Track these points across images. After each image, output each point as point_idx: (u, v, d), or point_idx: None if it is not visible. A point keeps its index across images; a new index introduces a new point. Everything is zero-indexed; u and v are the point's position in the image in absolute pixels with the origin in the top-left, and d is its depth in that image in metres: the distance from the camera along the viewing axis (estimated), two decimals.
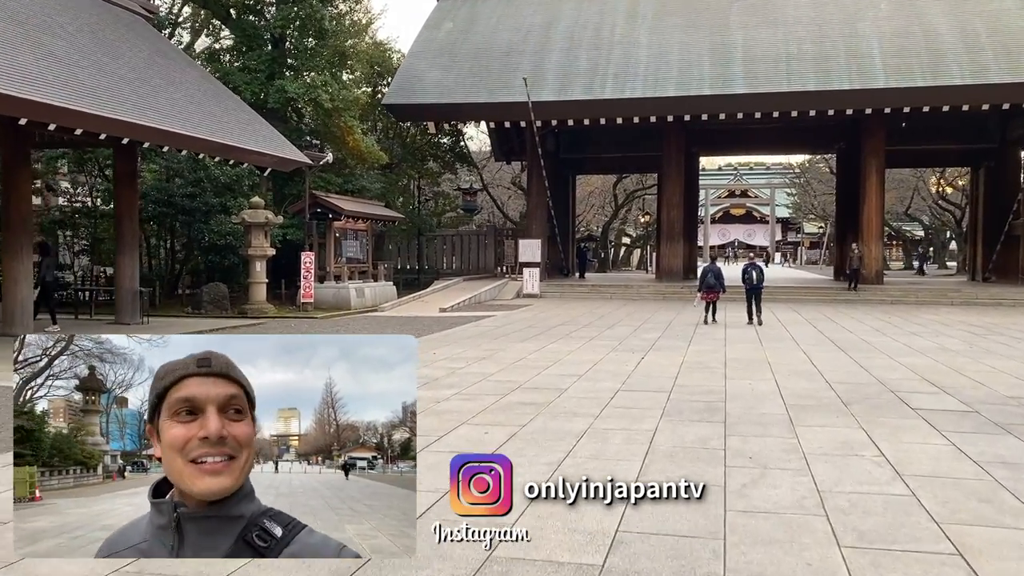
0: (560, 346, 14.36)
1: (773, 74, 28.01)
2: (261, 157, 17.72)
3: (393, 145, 34.84)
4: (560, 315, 21.65)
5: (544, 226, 32.32)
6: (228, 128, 17.16)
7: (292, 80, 24.05)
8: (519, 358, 12.64)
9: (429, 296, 26.97)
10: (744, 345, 14.49)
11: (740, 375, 10.92)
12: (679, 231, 31.51)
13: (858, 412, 8.37)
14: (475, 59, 30.98)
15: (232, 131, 17.19)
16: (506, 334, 16.68)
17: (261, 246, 22.02)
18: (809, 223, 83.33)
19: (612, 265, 60.01)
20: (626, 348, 14.01)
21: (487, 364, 11.96)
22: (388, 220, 28.71)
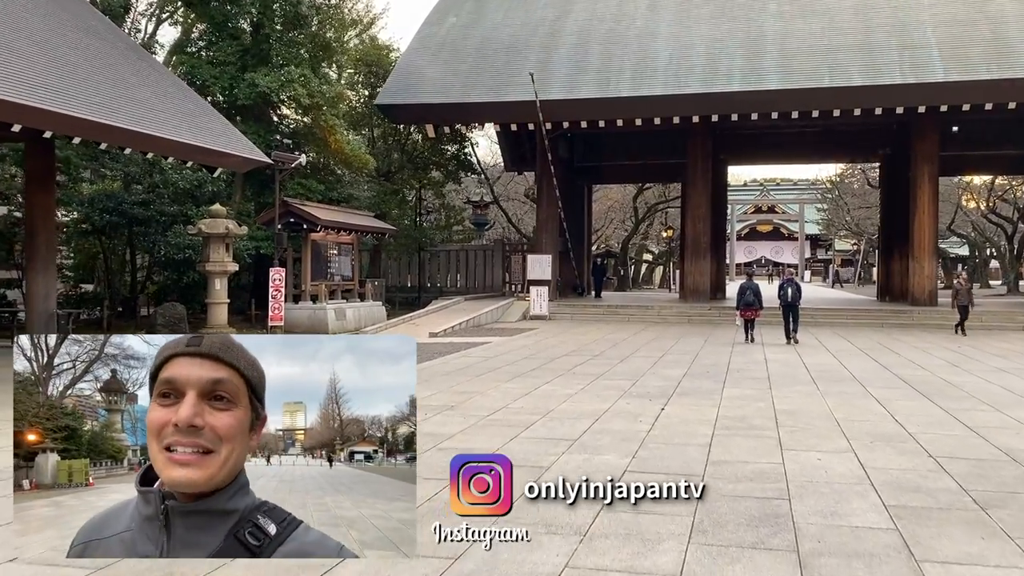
0: (556, 388, 11.17)
1: (813, 68, 24.75)
2: (204, 154, 14.75)
3: (391, 152, 31.91)
4: (567, 342, 18.46)
5: (556, 240, 29.16)
6: (163, 117, 14.21)
7: (265, 74, 21.13)
8: (496, 408, 9.45)
9: (422, 318, 23.87)
10: (796, 389, 11.22)
11: (801, 442, 7.68)
12: (705, 246, 28.21)
13: (1012, 526, 5.13)
14: (479, 56, 28.01)
15: (167, 121, 14.24)
16: (494, 368, 13.51)
17: (221, 260, 19.00)
18: (841, 240, 79.50)
19: (632, 283, 56.64)
20: (642, 392, 10.79)
21: (448, 419, 8.78)
22: (378, 232, 25.67)
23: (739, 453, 7.19)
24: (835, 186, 66.26)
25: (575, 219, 32.18)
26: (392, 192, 30.23)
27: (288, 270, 21.51)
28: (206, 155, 14.88)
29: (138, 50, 16.69)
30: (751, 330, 18.40)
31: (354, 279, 23.94)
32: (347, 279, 23.60)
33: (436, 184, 33.71)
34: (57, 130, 12.60)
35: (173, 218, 20.26)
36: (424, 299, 30.42)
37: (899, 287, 29.82)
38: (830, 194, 68.04)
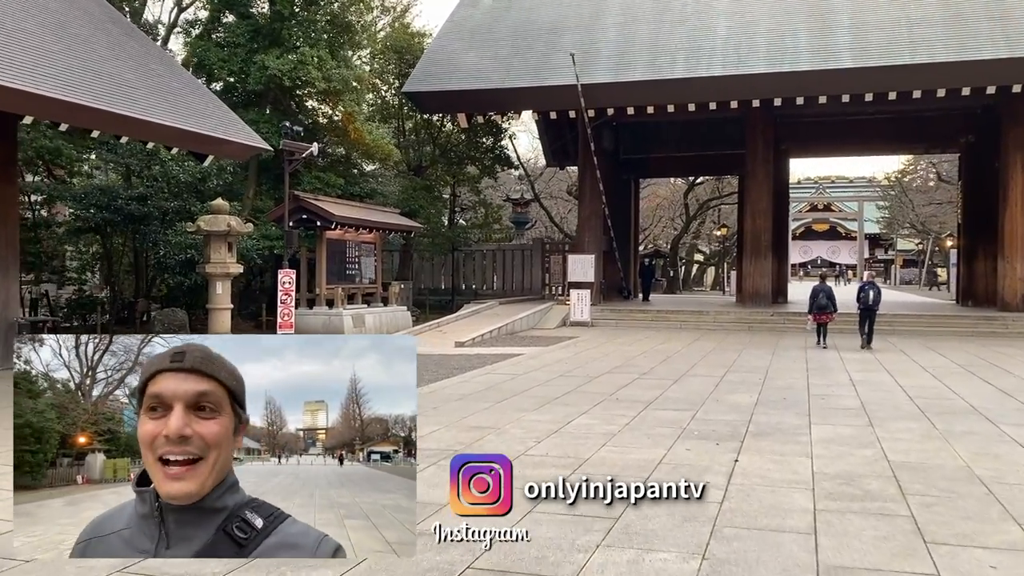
0: (594, 422, 8.82)
1: (890, 44, 21.96)
2: (189, 139, 12.70)
3: (423, 146, 29.77)
4: (610, 354, 16.06)
5: (599, 239, 26.73)
6: (137, 95, 12.19)
7: (277, 56, 19.09)
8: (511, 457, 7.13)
9: (451, 324, 21.65)
10: (906, 426, 8.68)
11: (948, 526, 5.22)
12: (766, 245, 25.50)
13: None
14: (516, 39, 25.72)
15: (143, 99, 12.21)
16: (521, 391, 11.19)
17: (223, 261, 17.00)
18: (903, 239, 75.38)
19: (683, 285, 53.81)
20: (705, 430, 8.37)
21: (441, 477, 6.48)
22: (404, 230, 23.50)
23: (863, 551, 4.76)
24: (898, 181, 62.59)
25: (621, 216, 29.70)
26: (423, 188, 28.06)
27: (302, 272, 19.48)
28: (192, 140, 12.84)
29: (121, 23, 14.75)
30: (824, 336, 17.58)
31: (377, 282, 21.80)
32: (369, 281, 21.47)
33: (472, 180, 31.46)
34: (12, 109, 10.62)
35: (175, 214, 18.33)
36: (458, 302, 28.23)
37: (984, 290, 26.74)
38: (892, 191, 64.33)
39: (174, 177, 18.10)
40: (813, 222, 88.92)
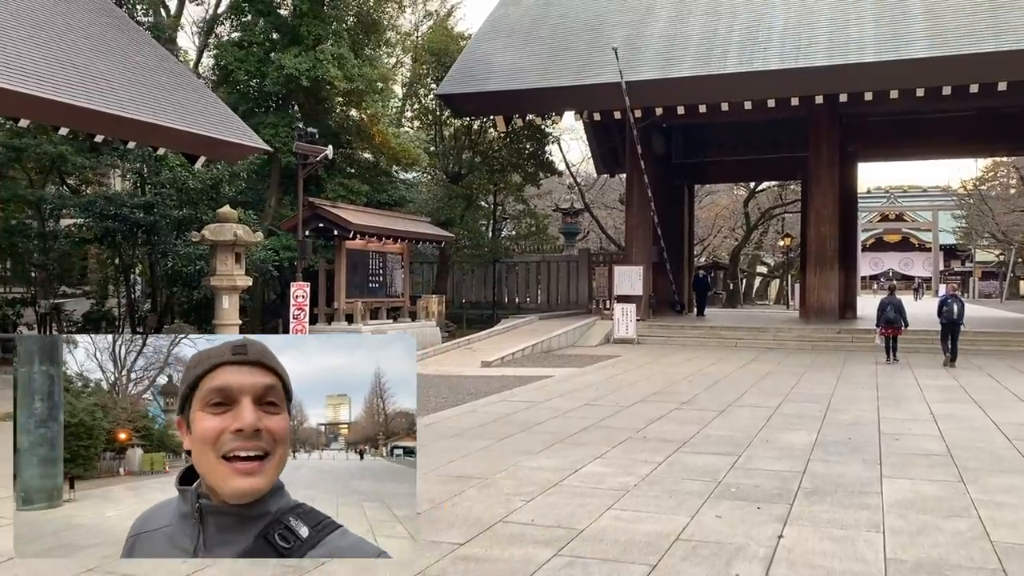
0: (608, 471, 7.10)
1: (970, 30, 19.70)
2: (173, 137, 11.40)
3: (462, 152, 28.34)
4: (651, 377, 14.25)
5: (648, 249, 24.86)
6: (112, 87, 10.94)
7: (295, 54, 17.86)
8: (485, 526, 5.45)
9: (483, 342, 20.07)
10: (1011, 483, 6.74)
11: None
12: (832, 255, 23.29)
13: None
14: (557, 37, 24.14)
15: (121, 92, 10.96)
16: (532, 425, 9.51)
17: (229, 273, 15.72)
18: (982, 250, 71.15)
19: (744, 299, 51.29)
20: (744, 485, 6.57)
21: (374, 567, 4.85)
22: (434, 240, 22.01)
23: None
24: (976, 189, 58.93)
25: (673, 225, 27.79)
26: (462, 196, 26.58)
27: (321, 285, 18.15)
28: (176, 138, 11.54)
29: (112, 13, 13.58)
30: (894, 351, 16.88)
31: (405, 295, 20.35)
32: (396, 295, 20.04)
33: (515, 188, 29.90)
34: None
35: (187, 223, 17.17)
36: (499, 317, 26.66)
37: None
38: (970, 199, 60.63)
39: (183, 183, 16.97)
40: (884, 233, 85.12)
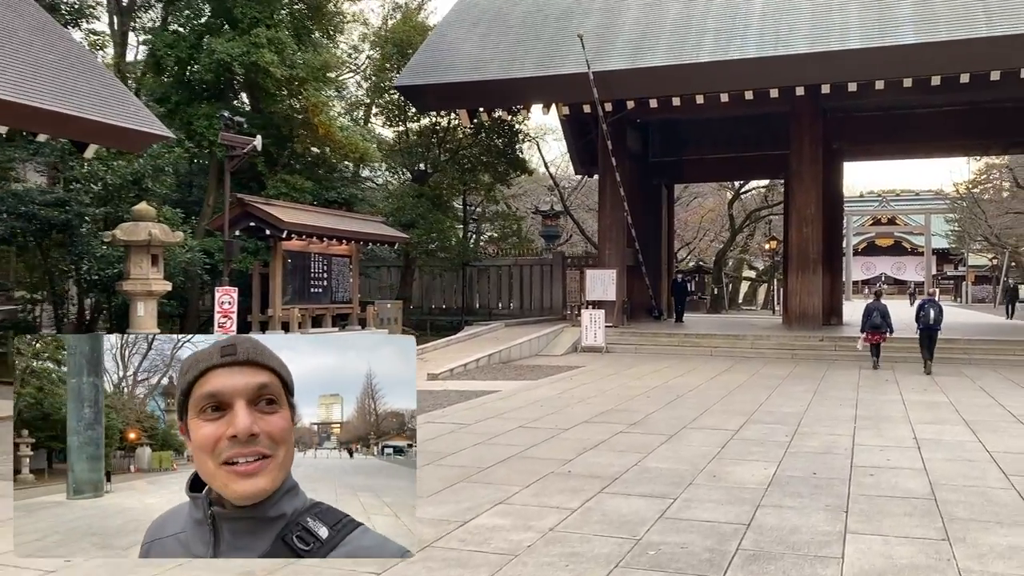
0: (503, 521, 5.63)
1: (961, 15, 18.34)
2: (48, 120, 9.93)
3: (430, 149, 26.88)
4: (607, 391, 12.79)
5: (622, 252, 23.44)
6: None
7: (228, 39, 16.38)
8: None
9: (440, 351, 18.58)
10: (1007, 540, 5.27)
11: None
12: (816, 257, 21.89)
13: None
14: (526, 26, 22.72)
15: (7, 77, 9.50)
16: (441, 456, 8.03)
17: (144, 278, 14.26)
18: (975, 254, 69.93)
19: (730, 304, 49.88)
20: (668, 548, 5.10)
21: None
22: (386, 241, 20.50)
23: None
24: (969, 192, 57.65)
25: (650, 226, 26.43)
26: (427, 196, 25.10)
27: (255, 289, 16.67)
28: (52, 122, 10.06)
29: None
30: (878, 356, 16.45)
31: (353, 301, 18.86)
32: (342, 301, 18.55)
33: (485, 188, 28.44)
34: None
35: (104, 223, 15.67)
36: (468, 323, 25.20)
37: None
38: (963, 201, 59.36)
39: (100, 178, 15.47)
40: (876, 237, 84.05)
